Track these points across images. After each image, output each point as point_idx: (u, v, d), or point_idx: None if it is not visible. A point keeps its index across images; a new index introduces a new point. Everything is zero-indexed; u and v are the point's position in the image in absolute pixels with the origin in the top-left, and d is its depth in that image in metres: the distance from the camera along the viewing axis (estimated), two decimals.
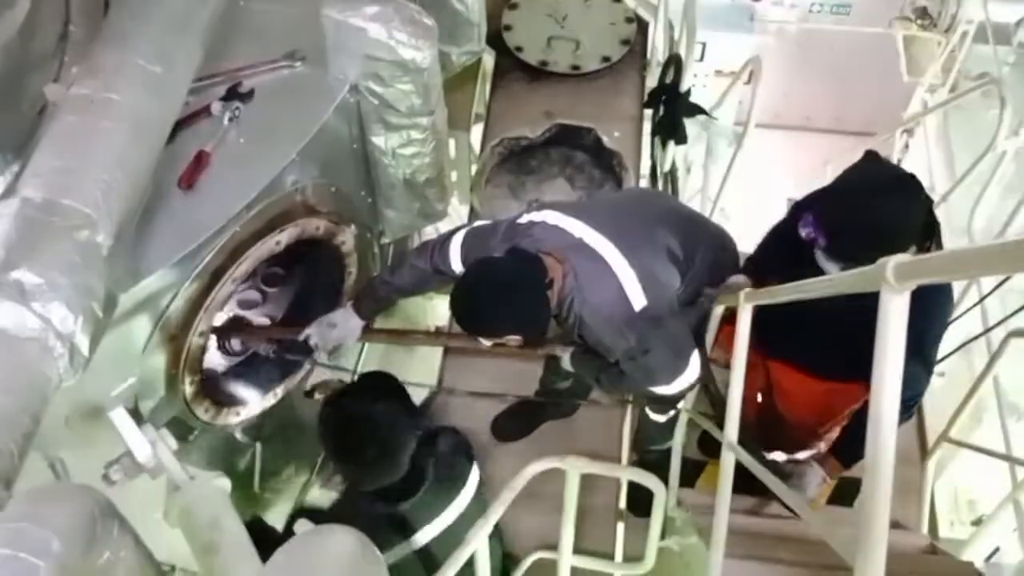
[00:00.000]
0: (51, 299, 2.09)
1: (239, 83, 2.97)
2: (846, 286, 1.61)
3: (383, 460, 2.74)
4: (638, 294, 2.72)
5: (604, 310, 2.72)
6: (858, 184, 2.63)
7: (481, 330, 2.78)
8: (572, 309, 2.73)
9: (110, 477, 2.78)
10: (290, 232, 2.94)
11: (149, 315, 2.66)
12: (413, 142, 3.12)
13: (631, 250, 2.76)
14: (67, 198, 2.22)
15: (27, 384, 2.04)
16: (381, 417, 2.74)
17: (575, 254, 2.74)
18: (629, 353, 2.78)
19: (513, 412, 4.16)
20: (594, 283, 2.72)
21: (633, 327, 2.72)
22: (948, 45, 8.91)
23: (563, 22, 5.34)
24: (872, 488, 1.42)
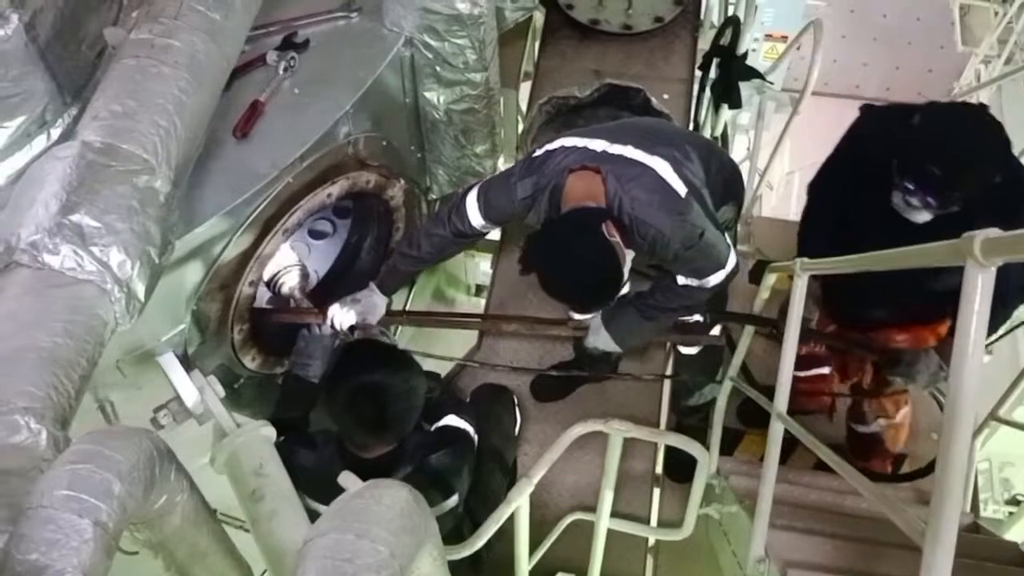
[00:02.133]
0: (109, 243, 2.10)
1: (295, 33, 2.95)
2: (929, 259, 1.57)
3: (394, 425, 2.72)
4: (677, 181, 2.73)
5: (656, 200, 2.70)
6: (968, 141, 2.60)
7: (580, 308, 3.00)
8: (623, 210, 2.70)
9: (159, 421, 2.82)
10: (341, 184, 2.93)
11: (201, 262, 2.67)
12: (466, 98, 3.10)
13: (653, 147, 2.77)
14: (126, 143, 2.23)
15: (84, 327, 2.05)
16: (405, 386, 2.71)
17: (606, 162, 2.73)
18: (687, 241, 2.74)
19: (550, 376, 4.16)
20: (635, 179, 2.71)
21: (685, 212, 2.71)
22: (1006, 15, 8.70)
23: None
24: (945, 469, 1.38)
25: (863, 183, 2.84)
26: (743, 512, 2.94)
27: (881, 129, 2.88)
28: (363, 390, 2.64)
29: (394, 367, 2.71)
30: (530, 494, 2.90)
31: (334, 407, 2.70)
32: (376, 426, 2.68)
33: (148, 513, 1.64)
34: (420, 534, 1.62)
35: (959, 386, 1.30)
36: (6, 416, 1.82)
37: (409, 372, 2.74)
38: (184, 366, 2.81)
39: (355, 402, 2.65)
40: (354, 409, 2.67)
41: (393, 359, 2.75)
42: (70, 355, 2.00)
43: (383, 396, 2.64)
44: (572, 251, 2.65)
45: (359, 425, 2.69)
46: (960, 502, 1.39)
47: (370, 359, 2.73)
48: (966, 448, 1.34)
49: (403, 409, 2.68)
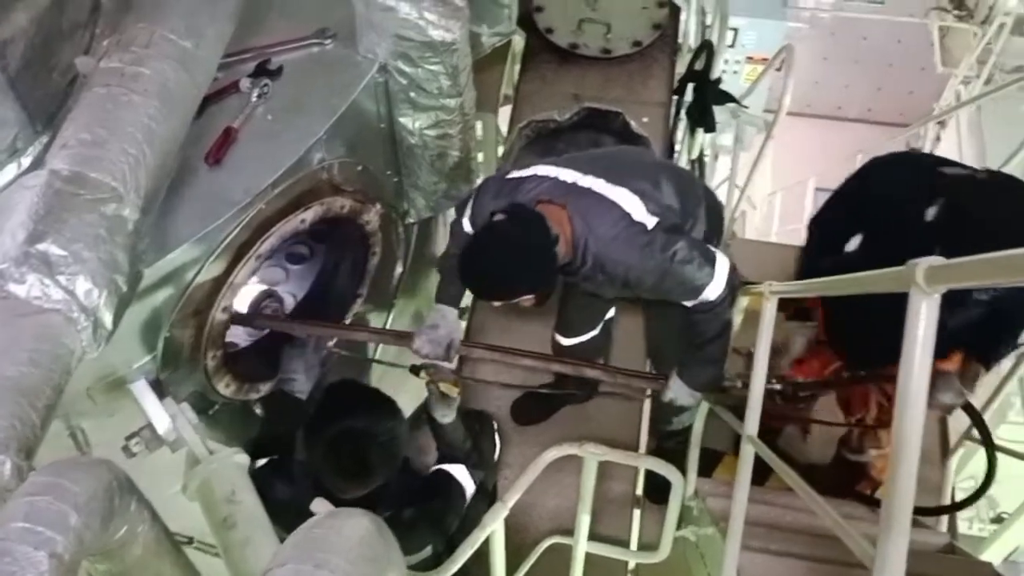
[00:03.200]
0: (76, 272, 2.10)
1: (268, 60, 2.96)
2: (874, 286, 1.58)
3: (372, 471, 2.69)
4: (644, 214, 2.73)
5: (620, 238, 2.71)
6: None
7: (493, 295, 2.83)
8: (589, 250, 2.73)
9: (130, 449, 2.81)
10: (315, 210, 2.93)
11: (173, 289, 2.67)
12: (441, 123, 3.11)
13: (622, 180, 2.78)
14: (94, 171, 2.23)
15: (50, 356, 2.05)
16: (388, 435, 2.69)
17: (573, 197, 2.75)
18: (661, 269, 2.73)
19: (532, 396, 4.16)
20: (600, 217, 2.73)
21: (653, 242, 2.70)
22: (984, 37, 8.78)
23: (595, 5, 5.28)
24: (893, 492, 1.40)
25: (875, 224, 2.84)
26: (719, 534, 2.93)
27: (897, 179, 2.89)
28: (344, 437, 2.62)
29: (377, 414, 2.69)
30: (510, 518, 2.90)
31: (314, 451, 2.68)
32: (355, 473, 2.66)
33: (108, 544, 1.63)
34: (382, 563, 1.62)
35: (904, 414, 1.31)
36: None
37: (392, 419, 2.72)
38: (157, 393, 2.80)
39: (335, 449, 2.63)
40: (334, 456, 2.64)
41: (376, 405, 2.73)
42: (36, 384, 2.00)
43: (364, 444, 2.62)
44: (504, 229, 2.72)
45: (338, 472, 2.67)
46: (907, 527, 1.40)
47: (352, 404, 2.72)
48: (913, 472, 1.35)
49: (384, 457, 2.66)
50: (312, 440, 2.68)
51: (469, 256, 2.74)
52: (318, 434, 2.67)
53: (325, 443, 2.64)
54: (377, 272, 3.49)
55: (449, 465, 3.02)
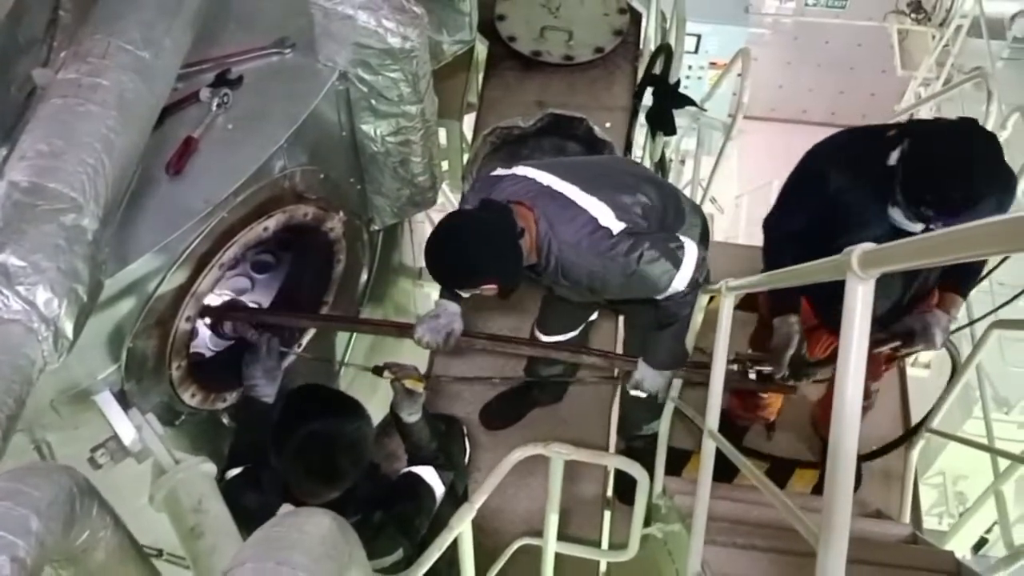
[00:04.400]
0: (35, 282, 2.10)
1: (228, 70, 2.96)
2: (812, 275, 1.63)
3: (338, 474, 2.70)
4: (612, 220, 2.78)
5: (584, 243, 2.77)
6: (981, 159, 2.65)
7: (455, 279, 2.89)
8: (551, 252, 2.78)
9: (96, 461, 2.80)
10: (278, 218, 2.94)
11: (135, 299, 2.67)
12: (402, 130, 3.13)
13: (596, 188, 2.84)
14: (52, 181, 2.23)
15: (11, 366, 2.05)
16: (355, 432, 2.71)
17: (542, 199, 2.82)
18: (626, 271, 2.78)
19: (502, 399, 4.19)
20: (565, 221, 2.78)
21: (617, 245, 2.75)
22: (942, 39, 8.93)
23: (556, 12, 5.34)
24: (835, 470, 1.44)
25: (847, 216, 2.88)
26: (685, 530, 2.97)
27: (855, 163, 2.92)
28: (310, 439, 2.63)
29: (344, 415, 2.70)
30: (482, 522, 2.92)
31: (281, 455, 2.68)
32: (324, 475, 2.66)
33: (70, 549, 1.64)
34: (343, 560, 1.64)
35: (843, 395, 1.34)
36: None
37: (357, 419, 2.73)
38: (121, 404, 2.80)
39: (302, 451, 2.64)
40: (301, 458, 2.65)
41: (343, 406, 2.74)
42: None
43: (331, 445, 2.63)
44: (469, 215, 2.80)
45: (307, 474, 2.67)
46: (848, 507, 1.44)
47: (319, 406, 2.73)
48: (853, 450, 1.39)
49: (352, 459, 2.67)
50: (278, 444, 2.69)
51: (433, 239, 2.79)
52: (284, 437, 2.67)
53: (291, 446, 2.65)
54: (342, 280, 3.49)
55: (418, 467, 3.04)
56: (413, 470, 3.02)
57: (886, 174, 2.68)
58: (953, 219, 2.59)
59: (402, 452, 3.18)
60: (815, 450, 4.12)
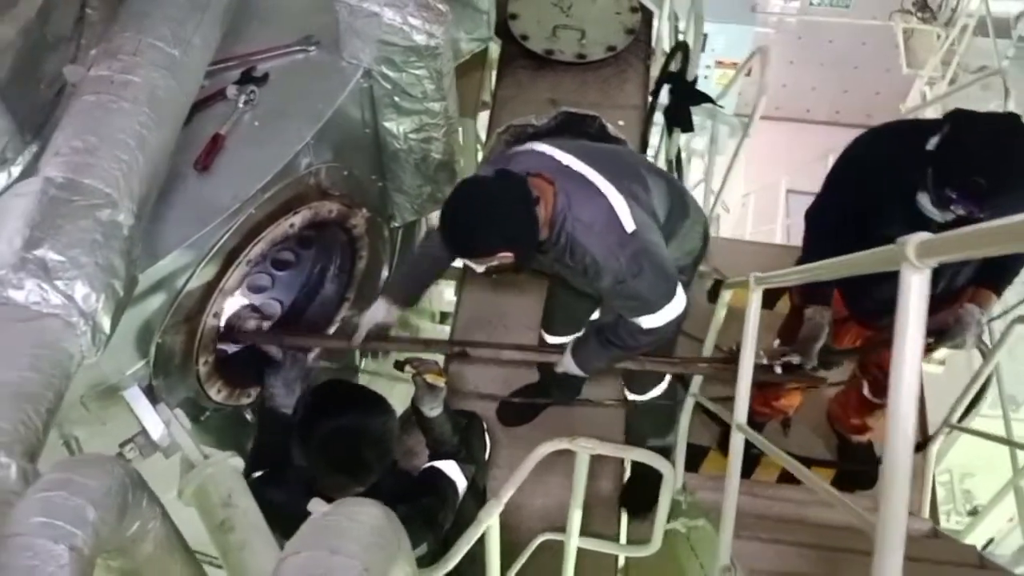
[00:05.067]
0: (74, 277, 2.12)
1: (253, 67, 2.99)
2: (867, 265, 1.63)
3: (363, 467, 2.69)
4: (627, 217, 2.75)
5: (596, 227, 2.74)
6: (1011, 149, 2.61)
7: (471, 248, 2.80)
8: (564, 228, 2.75)
9: (124, 456, 2.81)
10: (304, 215, 2.96)
11: (165, 295, 2.69)
12: (425, 127, 3.15)
13: (615, 177, 2.81)
14: (88, 177, 2.26)
15: (50, 360, 2.07)
16: (380, 426, 2.70)
17: (563, 176, 2.78)
18: (619, 276, 2.77)
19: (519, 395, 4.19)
20: (584, 202, 2.75)
21: (625, 247, 2.73)
22: (948, 38, 8.93)
23: (568, 11, 5.35)
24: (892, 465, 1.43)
25: (880, 200, 2.88)
26: (708, 525, 2.98)
27: (895, 147, 2.92)
28: (336, 433, 2.63)
29: (368, 409, 2.71)
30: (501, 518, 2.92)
31: (306, 448, 2.69)
32: (350, 469, 2.66)
33: (122, 540, 1.65)
34: (392, 550, 1.65)
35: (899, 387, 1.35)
36: None
37: (382, 414, 2.73)
38: (150, 399, 2.82)
39: (328, 446, 2.64)
40: (327, 452, 2.64)
41: (367, 400, 2.75)
42: (37, 389, 2.01)
43: (357, 439, 2.63)
44: (485, 182, 2.75)
45: (332, 468, 2.68)
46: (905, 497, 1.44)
47: (344, 400, 2.73)
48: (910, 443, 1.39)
49: (377, 452, 2.67)
50: (304, 438, 2.70)
51: (448, 207, 2.75)
52: (310, 432, 2.68)
53: (317, 440, 2.66)
54: (364, 276, 3.51)
55: (440, 461, 3.05)
56: (435, 464, 3.03)
57: (921, 162, 2.68)
58: (975, 205, 2.60)
59: (421, 448, 3.19)
60: (832, 447, 4.14)
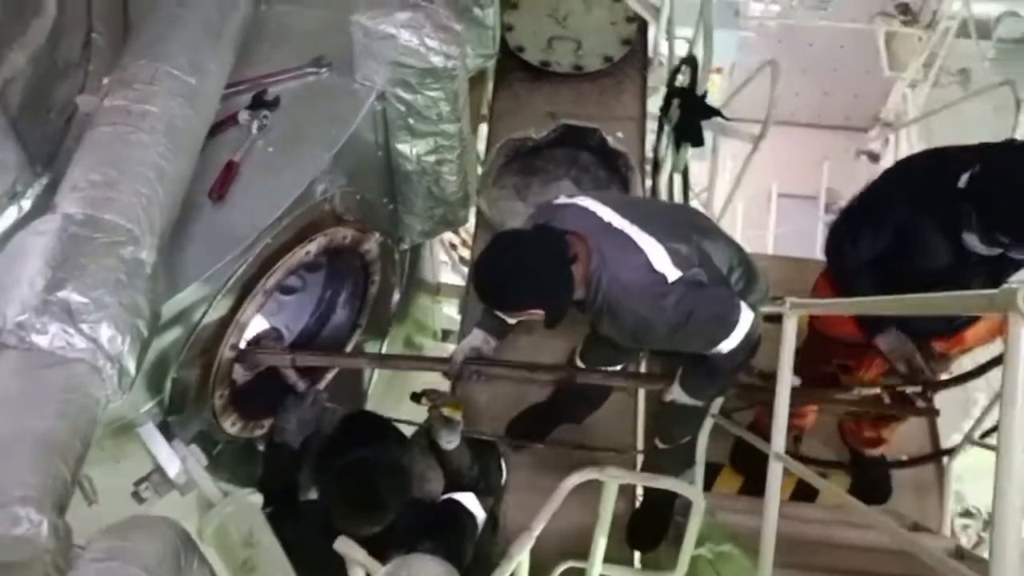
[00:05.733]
0: (99, 319, 2.04)
1: (264, 91, 2.91)
2: (957, 307, 1.59)
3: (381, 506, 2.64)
4: (669, 267, 2.66)
5: (636, 285, 2.65)
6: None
7: (501, 301, 2.76)
8: (600, 288, 2.67)
9: (140, 495, 2.74)
10: (319, 242, 2.89)
11: (181, 330, 2.61)
12: (439, 148, 3.08)
13: (661, 234, 2.73)
14: (108, 213, 2.18)
15: (78, 407, 1.99)
16: (398, 463, 2.68)
17: (600, 233, 2.70)
18: (673, 326, 2.68)
19: (527, 416, 4.14)
20: (620, 259, 2.67)
21: (668, 296, 2.64)
22: (930, 41, 8.98)
23: (564, 22, 5.30)
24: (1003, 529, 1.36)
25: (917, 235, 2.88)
26: (736, 550, 2.94)
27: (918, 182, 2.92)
28: (354, 468, 2.59)
29: (386, 445, 2.66)
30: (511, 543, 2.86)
31: (324, 483, 2.63)
32: (366, 506, 2.61)
33: None
34: None
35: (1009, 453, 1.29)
36: (6, 508, 1.75)
37: (401, 450, 2.68)
38: (164, 435, 2.73)
39: (345, 481, 2.60)
40: (344, 488, 2.60)
41: (386, 437, 2.70)
42: (65, 438, 1.94)
43: (374, 476, 2.58)
44: (521, 237, 2.72)
45: (349, 504, 2.62)
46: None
47: (363, 436, 2.68)
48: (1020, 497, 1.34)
49: (394, 490, 2.62)
50: (323, 472, 2.64)
51: (483, 259, 2.69)
52: (329, 466, 2.63)
53: (336, 475, 2.60)
54: (375, 300, 3.44)
55: (458, 494, 2.99)
56: (454, 497, 2.97)
57: (955, 199, 2.67)
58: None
59: (433, 475, 3.12)
60: (844, 460, 4.11)
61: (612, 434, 4.13)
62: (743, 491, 4.21)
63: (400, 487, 2.63)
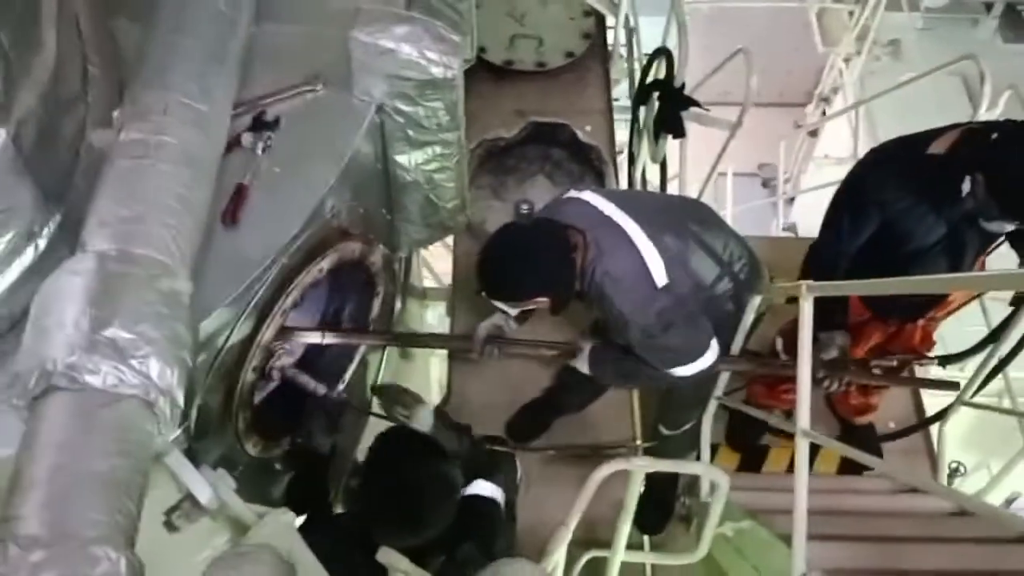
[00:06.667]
0: (147, 354, 2.04)
1: (263, 112, 2.90)
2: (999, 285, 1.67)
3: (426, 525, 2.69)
4: (660, 271, 2.79)
5: (625, 282, 2.79)
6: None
7: (508, 291, 2.88)
8: (593, 279, 2.80)
9: (173, 524, 2.72)
10: (331, 258, 2.91)
11: (206, 355, 2.60)
12: (437, 157, 3.11)
13: (657, 233, 2.84)
14: (140, 247, 2.18)
15: (136, 443, 2.01)
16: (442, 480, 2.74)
17: (598, 227, 2.83)
18: (648, 331, 2.83)
19: (525, 413, 4.20)
20: (614, 254, 2.80)
21: (654, 302, 2.79)
22: (861, 14, 9.20)
23: (522, 20, 5.36)
24: None
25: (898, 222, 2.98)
26: (759, 526, 3.03)
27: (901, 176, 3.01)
28: (399, 491, 2.65)
29: (429, 463, 2.71)
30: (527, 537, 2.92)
31: (369, 505, 2.66)
32: (413, 526, 2.65)
33: None
34: None
35: None
36: (84, 549, 1.77)
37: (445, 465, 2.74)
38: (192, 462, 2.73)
39: (391, 502, 2.65)
40: (390, 509, 2.65)
41: (429, 453, 2.74)
42: (127, 475, 1.96)
43: (420, 496, 2.63)
44: (521, 228, 2.87)
45: (398, 522, 2.66)
46: None
47: (406, 455, 2.73)
48: None
49: (440, 508, 2.68)
50: (367, 494, 2.67)
51: (486, 253, 2.82)
52: (372, 488, 2.66)
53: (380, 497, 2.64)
54: (379, 311, 3.47)
55: (471, 486, 3.01)
56: (469, 492, 3.01)
57: (945, 191, 2.78)
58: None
59: None
60: (834, 430, 4.24)
61: (610, 426, 4.22)
62: (740, 468, 4.33)
63: (447, 500, 2.68)
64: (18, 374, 1.97)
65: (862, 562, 2.62)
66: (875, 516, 3.13)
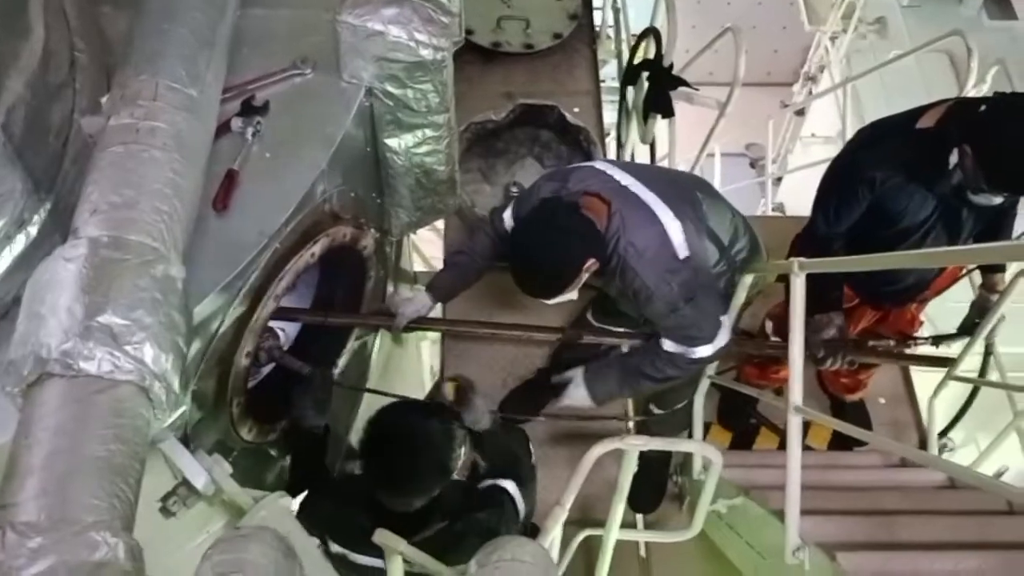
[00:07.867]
0: (142, 340, 2.04)
1: (252, 96, 2.89)
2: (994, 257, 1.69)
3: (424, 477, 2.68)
4: (682, 244, 2.81)
5: (649, 253, 2.80)
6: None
7: (557, 286, 2.88)
8: (616, 250, 2.81)
9: (169, 509, 2.74)
10: (323, 242, 2.91)
11: (200, 341, 2.60)
12: (428, 140, 3.10)
13: (673, 202, 2.85)
14: (133, 234, 2.17)
15: (132, 428, 2.01)
16: (440, 433, 2.71)
17: (620, 198, 2.84)
18: (673, 303, 2.83)
19: (519, 394, 4.21)
20: (639, 226, 2.81)
21: (677, 273, 2.80)
22: None
23: (509, 2, 5.34)
24: None
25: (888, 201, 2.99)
26: (752, 503, 3.06)
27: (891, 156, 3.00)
28: (391, 435, 2.65)
29: (426, 416, 2.71)
30: None
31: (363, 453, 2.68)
32: (405, 476, 2.65)
33: None
34: None
35: None
36: (83, 535, 1.77)
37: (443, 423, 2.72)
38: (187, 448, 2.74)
39: (383, 447, 2.65)
40: (382, 455, 2.65)
41: (429, 411, 2.75)
42: (124, 460, 1.96)
43: (412, 443, 2.62)
44: (535, 222, 2.87)
45: (387, 471, 2.66)
46: None
47: (405, 410, 2.75)
48: None
49: (434, 460, 2.66)
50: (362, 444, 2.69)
51: (517, 251, 2.88)
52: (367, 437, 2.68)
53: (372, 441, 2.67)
54: (371, 295, 3.47)
55: (501, 480, 3.01)
56: (498, 483, 3.01)
57: (934, 164, 2.79)
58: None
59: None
60: (825, 408, 4.27)
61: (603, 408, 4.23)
62: (732, 446, 4.36)
63: (439, 458, 2.67)
64: (12, 361, 1.97)
65: (855, 535, 2.64)
66: (866, 490, 3.15)
